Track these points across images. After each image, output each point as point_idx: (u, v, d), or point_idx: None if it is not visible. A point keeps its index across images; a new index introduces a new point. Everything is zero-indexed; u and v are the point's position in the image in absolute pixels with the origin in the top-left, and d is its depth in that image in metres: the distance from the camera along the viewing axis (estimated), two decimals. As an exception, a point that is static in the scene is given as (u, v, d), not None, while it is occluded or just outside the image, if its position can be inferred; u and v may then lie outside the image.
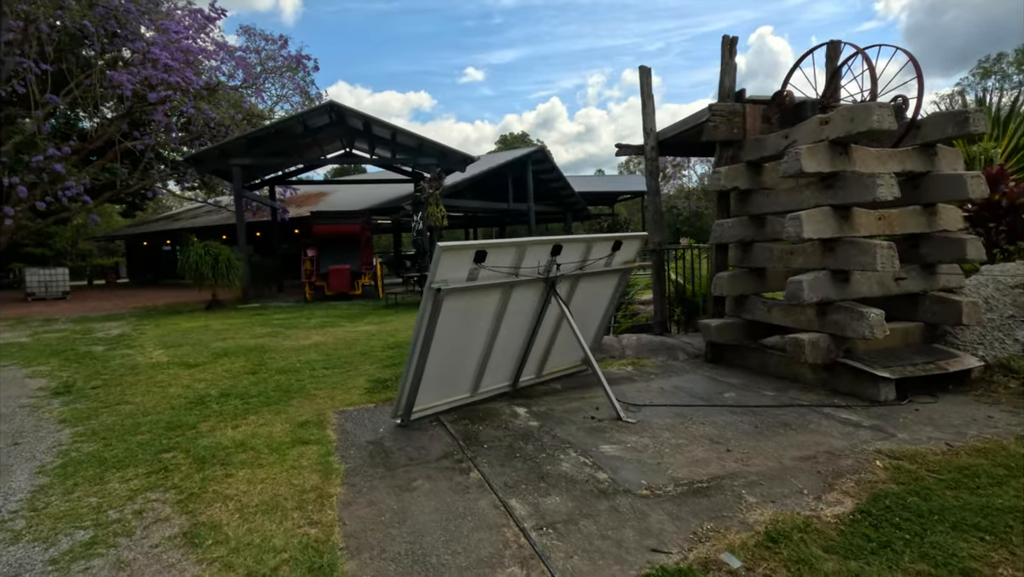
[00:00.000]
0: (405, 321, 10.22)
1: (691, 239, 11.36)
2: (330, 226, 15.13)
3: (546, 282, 4.26)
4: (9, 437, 4.26)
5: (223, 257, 12.90)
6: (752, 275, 5.38)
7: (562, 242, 4.16)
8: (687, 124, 6.20)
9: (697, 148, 7.23)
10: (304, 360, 6.79)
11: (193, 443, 3.93)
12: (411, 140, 15.13)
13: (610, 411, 4.13)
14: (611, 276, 4.93)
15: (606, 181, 35.42)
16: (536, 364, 4.92)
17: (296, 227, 22.81)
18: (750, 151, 5.26)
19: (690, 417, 3.98)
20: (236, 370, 6.34)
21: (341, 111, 14.15)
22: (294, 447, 3.76)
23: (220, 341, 8.37)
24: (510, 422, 4.05)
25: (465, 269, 3.68)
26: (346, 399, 4.95)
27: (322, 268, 14.70)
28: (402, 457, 3.49)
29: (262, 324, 10.33)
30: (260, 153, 14.77)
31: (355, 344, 7.82)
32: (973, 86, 41.96)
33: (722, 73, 5.45)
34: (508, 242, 3.85)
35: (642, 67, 6.83)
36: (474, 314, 3.99)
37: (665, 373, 5.34)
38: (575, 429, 3.83)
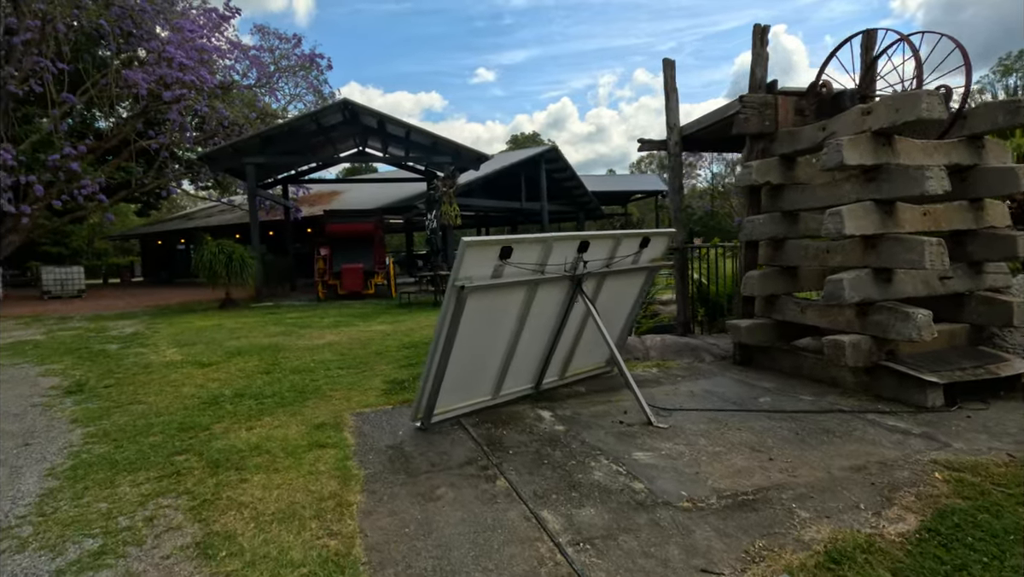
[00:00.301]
0: (419, 321, 10.08)
1: (716, 238, 11.09)
2: (343, 225, 15.04)
3: (572, 280, 4.07)
4: (20, 437, 4.16)
5: (237, 256, 12.85)
6: (784, 274, 5.16)
7: (589, 238, 3.97)
8: (714, 118, 5.99)
9: (723, 143, 7.00)
10: (318, 360, 6.66)
11: (206, 445, 3.80)
12: (425, 138, 15.00)
13: (639, 415, 3.94)
14: (638, 274, 4.73)
15: (619, 180, 35.11)
16: (559, 366, 4.73)
17: (309, 226, 22.80)
18: (783, 144, 5.04)
19: (725, 423, 3.78)
20: (250, 369, 6.23)
21: (355, 109, 14.06)
22: (310, 451, 3.61)
23: (234, 340, 8.28)
24: (535, 426, 3.87)
25: (490, 266, 3.51)
26: (363, 400, 4.80)
27: (335, 267, 14.61)
28: (424, 463, 3.32)
29: (275, 323, 10.24)
30: (274, 152, 14.72)
31: (370, 344, 7.68)
32: (994, 83, 41.07)
33: (753, 63, 5.23)
34: (534, 238, 3.67)
35: (666, 60, 6.62)
36: (498, 313, 3.82)
37: (692, 375, 5.13)
38: (604, 434, 3.64)
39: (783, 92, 5.18)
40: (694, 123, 6.44)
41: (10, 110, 15.93)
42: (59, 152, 15.56)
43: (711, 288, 7.32)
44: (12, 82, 14.99)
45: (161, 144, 18.13)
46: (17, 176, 15.14)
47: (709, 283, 7.25)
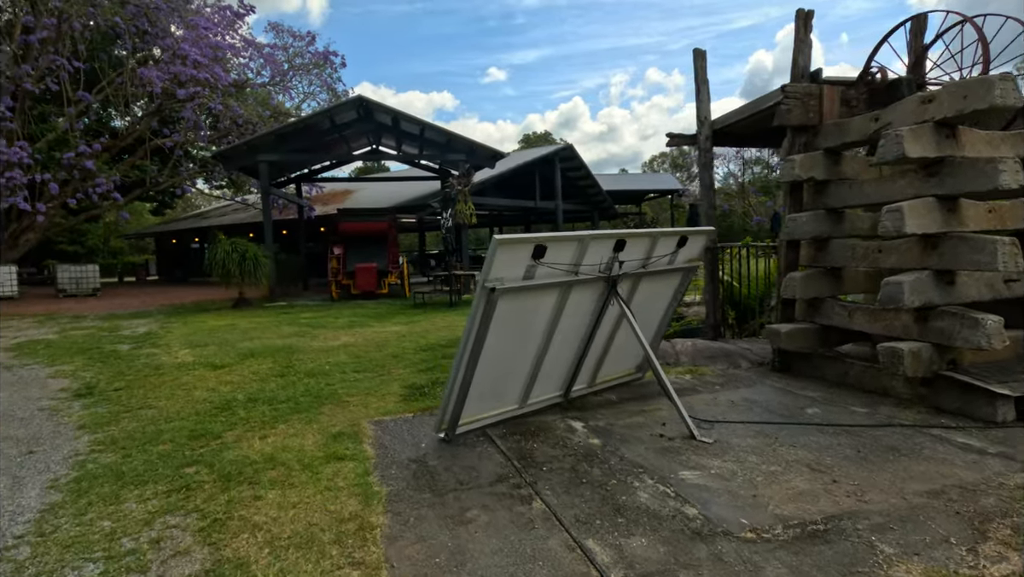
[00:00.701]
0: (434, 322, 9.84)
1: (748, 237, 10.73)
2: (357, 224, 14.85)
3: (607, 281, 3.79)
4: (25, 444, 3.97)
5: (250, 254, 12.71)
6: (828, 276, 4.84)
7: (626, 237, 3.69)
8: (749, 110, 5.67)
9: (757, 137, 6.68)
10: (334, 362, 6.44)
11: (218, 456, 3.57)
12: (439, 136, 14.78)
13: (679, 428, 3.66)
14: (673, 275, 4.44)
15: (633, 179, 34.68)
16: (589, 372, 4.46)
17: (322, 225, 22.69)
18: (828, 137, 4.72)
19: (774, 437, 3.48)
20: (263, 372, 6.02)
21: (369, 106, 13.87)
22: (328, 464, 3.37)
23: (247, 341, 8.09)
24: (567, 439, 3.60)
25: (522, 266, 3.25)
26: (381, 407, 4.56)
27: (349, 266, 14.43)
28: (450, 480, 3.06)
29: (289, 323, 10.06)
30: (287, 149, 14.57)
31: (385, 346, 7.45)
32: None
33: (795, 51, 4.92)
34: (569, 236, 3.40)
35: (696, 51, 6.31)
36: (528, 317, 3.55)
37: (730, 383, 4.82)
38: (643, 449, 3.36)
39: (828, 81, 4.86)
40: (728, 116, 6.13)
41: (26, 108, 15.96)
42: (74, 150, 15.56)
43: (741, 290, 7.00)
44: (28, 80, 14.99)
45: (176, 142, 18.10)
46: (33, 174, 15.15)
47: (740, 285, 6.93)
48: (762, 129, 6.03)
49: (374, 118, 14.64)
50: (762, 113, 5.50)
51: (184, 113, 17.48)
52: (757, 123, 5.88)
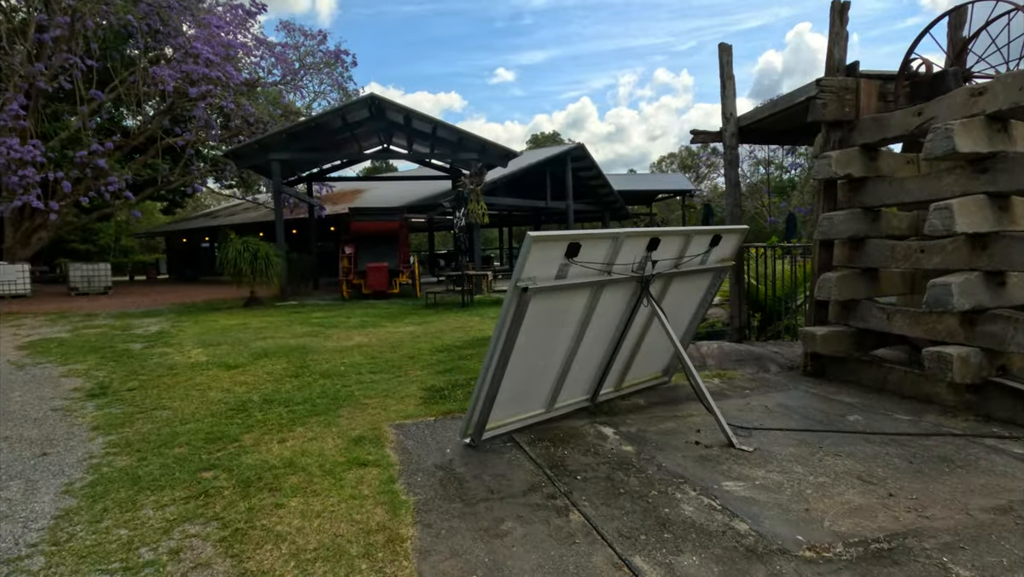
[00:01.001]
0: (447, 322, 9.71)
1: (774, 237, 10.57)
2: (369, 223, 14.75)
3: (639, 281, 3.64)
4: (38, 446, 3.86)
5: (262, 253, 12.64)
6: (864, 277, 4.66)
7: (660, 235, 3.54)
8: (780, 105, 5.50)
9: (786, 134, 6.49)
10: (349, 363, 6.32)
11: (236, 460, 3.45)
12: (451, 134, 14.66)
13: (715, 435, 3.50)
14: (704, 276, 4.28)
15: (644, 180, 34.44)
16: (617, 376, 4.30)
17: (332, 224, 22.65)
18: (865, 132, 4.54)
19: (818, 446, 3.31)
20: (278, 373, 5.90)
21: (381, 104, 13.78)
22: (351, 469, 3.24)
23: (260, 340, 8.00)
24: (598, 446, 3.45)
25: (555, 265, 3.10)
26: (401, 410, 4.42)
27: (360, 266, 14.33)
28: (480, 488, 2.92)
29: (301, 322, 9.97)
30: (299, 148, 14.51)
31: (400, 346, 7.33)
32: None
33: (830, 43, 4.74)
34: (603, 234, 3.25)
35: (722, 45, 6.15)
36: (559, 318, 3.40)
37: (761, 388, 4.65)
38: (681, 458, 3.20)
39: (865, 75, 4.68)
40: (754, 112, 5.96)
41: (40, 107, 16.01)
42: (87, 148, 15.57)
43: (765, 291, 6.82)
44: (42, 78, 15.02)
45: (187, 141, 18.10)
46: (46, 172, 15.18)
47: (765, 287, 6.75)
48: (792, 126, 5.86)
49: (386, 116, 14.55)
50: (793, 108, 5.33)
51: (195, 112, 17.47)
52: (786, 119, 5.71)
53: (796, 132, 6.18)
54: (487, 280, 15.22)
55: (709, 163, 69.76)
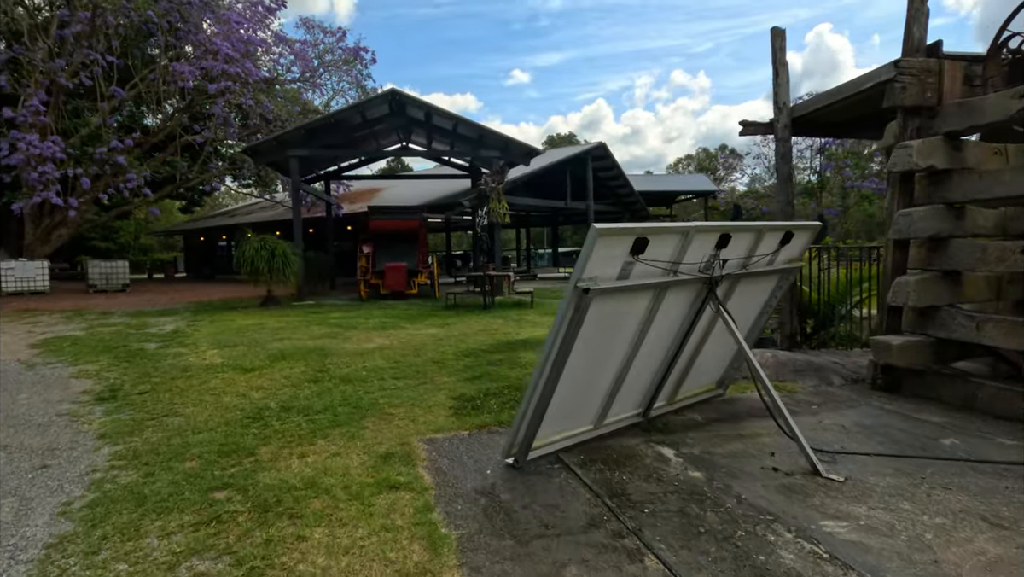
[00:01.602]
0: (469, 325, 9.33)
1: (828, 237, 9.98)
2: (387, 221, 14.42)
3: (706, 283, 3.21)
4: (39, 456, 3.54)
5: (279, 252, 12.37)
6: (945, 280, 4.17)
7: (731, 230, 3.11)
8: (842, 93, 5.03)
9: (846, 125, 6.00)
10: (370, 367, 5.95)
11: (252, 478, 3.09)
12: (472, 131, 14.31)
13: (793, 459, 3.06)
14: (770, 278, 3.84)
15: (664, 180, 33.85)
16: (671, 388, 3.87)
17: (349, 224, 22.43)
18: (950, 119, 4.06)
19: (919, 477, 2.85)
20: (296, 377, 5.56)
21: (402, 100, 13.47)
22: (380, 493, 2.85)
23: (277, 341, 7.68)
24: (661, 470, 3.02)
25: (618, 263, 2.69)
26: (430, 422, 4.04)
27: (378, 265, 14.02)
28: (532, 521, 2.51)
29: (319, 323, 9.65)
30: (317, 145, 14.25)
31: (423, 350, 6.95)
32: None
33: (909, 20, 4.27)
34: (672, 228, 2.83)
35: (775, 30, 5.69)
36: (617, 323, 2.99)
37: (829, 403, 4.19)
38: (761, 488, 2.77)
39: (950, 56, 4.20)
40: (811, 101, 5.49)
41: (60, 103, 15.97)
42: (106, 145, 15.49)
43: (815, 296, 6.33)
44: (63, 74, 14.96)
45: (206, 139, 17.99)
46: (65, 169, 15.11)
47: (812, 290, 6.26)
48: (852, 116, 5.39)
49: (406, 113, 14.24)
50: (858, 96, 4.86)
51: (214, 109, 17.34)
52: (847, 108, 5.24)
53: (856, 123, 5.71)
54: (508, 281, 14.84)
55: (727, 165, 68.70)
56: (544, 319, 9.71)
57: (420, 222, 14.78)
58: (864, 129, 6.10)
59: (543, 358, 2.74)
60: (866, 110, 5.23)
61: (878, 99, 4.84)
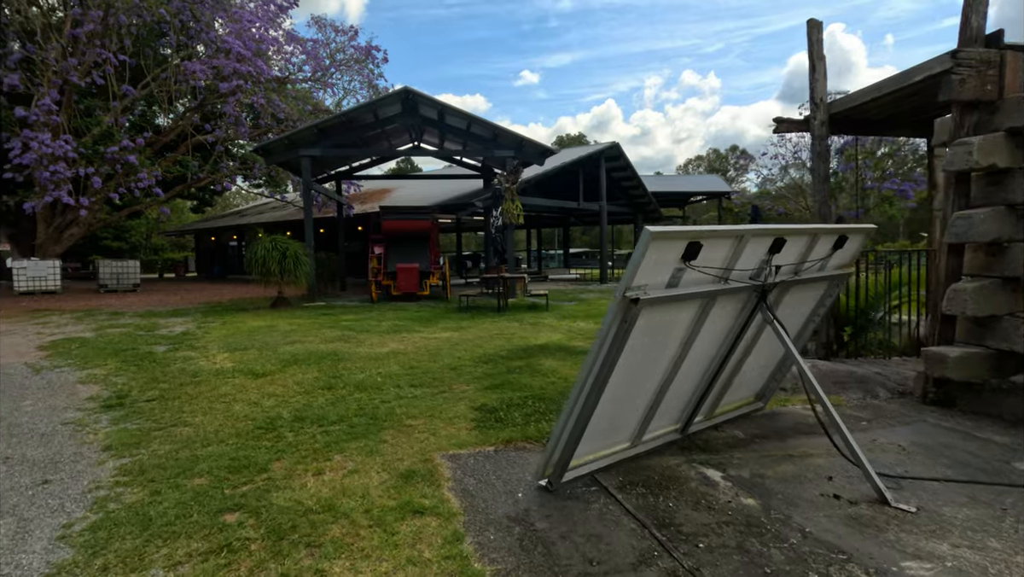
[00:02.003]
0: (485, 328, 9.09)
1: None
2: (400, 222, 14.21)
3: (757, 291, 2.95)
4: (40, 470, 3.34)
5: (291, 252, 12.21)
6: (1006, 288, 3.88)
7: (784, 233, 2.85)
8: (887, 87, 4.74)
9: (884, 123, 5.70)
10: (385, 373, 5.73)
11: (265, 498, 2.87)
12: (486, 130, 14.08)
13: (853, 484, 2.79)
14: (819, 285, 3.57)
15: (676, 181, 33.46)
16: (711, 403, 3.61)
17: (359, 224, 22.31)
18: (1013, 114, 3.77)
19: (998, 507, 2.58)
20: (308, 383, 5.35)
21: (415, 98, 13.26)
22: (404, 519, 2.62)
23: (288, 345, 7.49)
24: (709, 496, 2.77)
25: (669, 270, 2.44)
26: (452, 436, 3.80)
27: (390, 266, 13.82)
28: (574, 556, 2.27)
29: (330, 326, 9.46)
30: (329, 144, 14.08)
31: (439, 355, 6.72)
32: None
33: (967, 8, 3.98)
34: (724, 232, 2.58)
35: (811, 21, 5.41)
36: (661, 335, 2.74)
37: (879, 419, 3.91)
38: (825, 519, 2.50)
39: (1012, 47, 3.91)
40: (851, 97, 5.20)
41: (72, 102, 15.93)
42: (118, 144, 15.42)
43: (850, 302, 6.03)
44: (75, 73, 14.90)
45: (217, 138, 17.90)
46: (77, 168, 15.05)
47: (848, 297, 5.96)
48: (895, 112, 5.10)
49: (418, 112, 14.03)
50: (906, 90, 4.57)
51: (226, 108, 17.25)
52: (891, 104, 4.95)
53: (897, 121, 5.41)
54: (522, 283, 14.61)
55: (738, 166, 68.07)
56: (561, 323, 9.45)
57: (432, 222, 14.58)
58: (905, 127, 5.80)
59: (584, 373, 2.50)
60: (912, 105, 4.95)
61: (926, 93, 4.56)
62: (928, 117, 5.78)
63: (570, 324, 9.34)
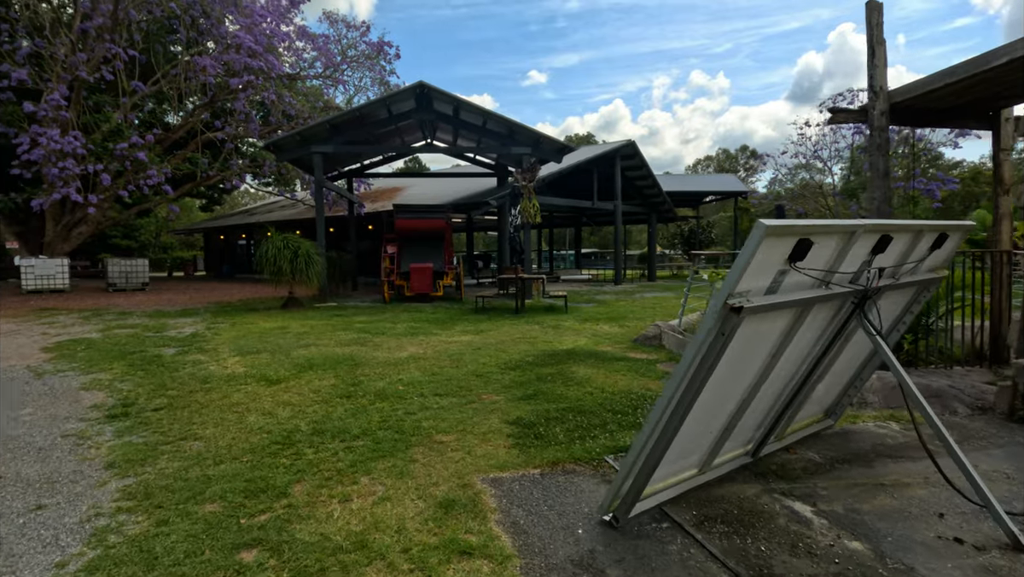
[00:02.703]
0: (505, 331, 8.72)
1: None
2: (414, 220, 13.84)
3: (857, 297, 2.55)
4: (35, 492, 2.99)
5: (303, 251, 11.89)
6: (1111, 294, 3.44)
7: (892, 231, 2.45)
8: (959, 73, 4.31)
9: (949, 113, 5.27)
10: (406, 380, 5.37)
11: (286, 531, 2.50)
12: (502, 127, 13.69)
13: (968, 521, 2.39)
14: (908, 290, 3.16)
15: (690, 180, 32.94)
16: (785, 422, 3.21)
17: (370, 223, 22.01)
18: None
19: None
20: (326, 391, 4.99)
21: (430, 93, 12.90)
22: (450, 561, 2.24)
23: (302, 348, 7.14)
24: (805, 537, 2.36)
25: (772, 272, 2.05)
26: (490, 455, 3.42)
27: (403, 266, 13.47)
28: (664, 618, 1.87)
29: (344, 328, 9.11)
30: (341, 141, 13.75)
31: (461, 360, 6.35)
32: None
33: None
34: (833, 226, 2.18)
35: (871, 3, 4.99)
36: (750, 349, 2.35)
37: (969, 442, 3.49)
38: (955, 571, 2.09)
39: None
40: (916, 85, 4.77)
41: (81, 98, 15.70)
42: (127, 141, 15.17)
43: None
44: (84, 68, 14.66)
45: (227, 135, 17.64)
46: (86, 165, 14.81)
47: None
48: (966, 101, 4.67)
49: (433, 107, 13.67)
50: (983, 75, 4.14)
51: (236, 105, 16.98)
52: (963, 91, 4.52)
53: (963, 111, 4.99)
54: (538, 284, 14.23)
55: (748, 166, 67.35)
56: (584, 326, 9.05)
57: (446, 222, 14.22)
58: (969, 118, 5.36)
59: (670, 390, 2.11)
60: (974, 97, 4.53)
61: (999, 82, 4.13)
62: (992, 109, 5.36)
63: (593, 327, 8.95)
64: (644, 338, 7.22)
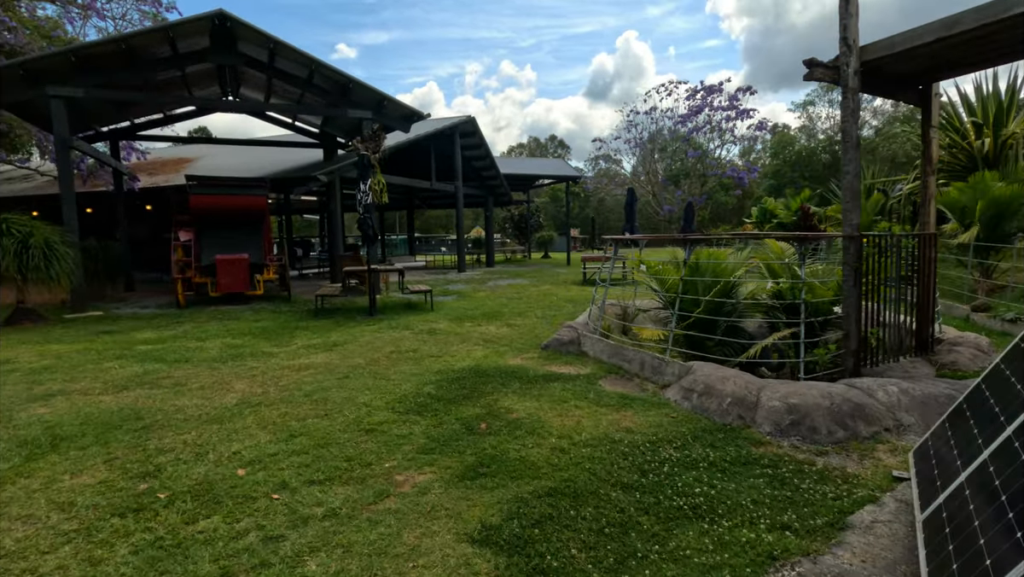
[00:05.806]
0: (368, 343, 6.64)
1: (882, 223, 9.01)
2: (218, 197, 10.41)
3: None
4: None
5: (37, 240, 8.04)
6: None
7: None
8: (969, 22, 3.65)
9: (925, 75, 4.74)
10: (247, 456, 3.20)
11: None
12: (334, 83, 11.04)
13: None
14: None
15: (524, 164, 32.79)
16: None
17: (148, 202, 17.16)
18: None
19: None
20: (85, 504, 2.61)
21: (232, 27, 9.65)
22: None
23: (38, 402, 4.26)
24: None
25: None
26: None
27: (204, 258, 10.15)
28: None
29: (118, 354, 6.09)
30: (95, 83, 9.68)
31: (327, 401, 4.25)
32: (820, 97, 44.76)
33: None
34: None
35: (844, -63, 4.16)
36: None
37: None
38: None
39: None
40: (904, 37, 4.07)
41: None
42: None
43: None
44: None
45: None
46: None
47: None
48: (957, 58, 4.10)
49: (237, 48, 10.42)
50: (996, 25, 3.51)
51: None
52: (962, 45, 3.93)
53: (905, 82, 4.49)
54: (386, 278, 12.10)
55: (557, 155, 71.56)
56: (464, 329, 7.34)
57: (266, 200, 11.19)
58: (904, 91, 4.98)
59: None
60: (989, 48, 4.01)
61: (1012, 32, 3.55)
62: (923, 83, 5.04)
63: (476, 329, 7.32)
64: (557, 343, 5.85)
